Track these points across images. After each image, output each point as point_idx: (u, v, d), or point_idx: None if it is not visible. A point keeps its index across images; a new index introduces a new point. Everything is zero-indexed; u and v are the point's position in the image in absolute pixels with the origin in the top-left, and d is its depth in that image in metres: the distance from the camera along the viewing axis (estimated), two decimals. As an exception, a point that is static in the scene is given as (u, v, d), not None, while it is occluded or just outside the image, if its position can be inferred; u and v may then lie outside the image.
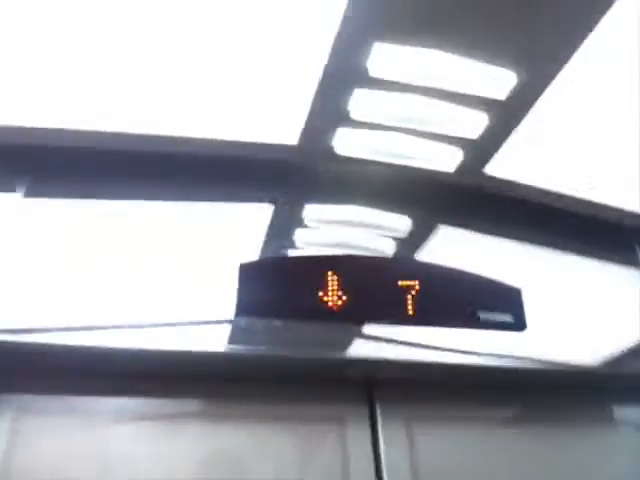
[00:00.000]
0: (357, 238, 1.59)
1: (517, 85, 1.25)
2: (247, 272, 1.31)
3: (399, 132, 1.42)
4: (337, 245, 1.55)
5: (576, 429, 1.56)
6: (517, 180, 1.56)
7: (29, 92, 1.25)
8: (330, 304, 1.34)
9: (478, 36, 1.17)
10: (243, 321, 1.29)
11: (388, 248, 1.59)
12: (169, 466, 1.24)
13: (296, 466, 1.31)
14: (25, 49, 1.15)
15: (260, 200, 1.54)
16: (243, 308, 1.27)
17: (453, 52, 1.19)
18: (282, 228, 1.53)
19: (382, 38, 1.17)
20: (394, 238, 1.61)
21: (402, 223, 1.63)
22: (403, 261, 1.53)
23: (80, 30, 1.12)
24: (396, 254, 1.56)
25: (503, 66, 1.22)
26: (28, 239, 1.30)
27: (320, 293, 1.35)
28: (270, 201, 1.54)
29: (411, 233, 1.63)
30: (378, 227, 1.62)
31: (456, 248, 1.60)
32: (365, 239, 1.59)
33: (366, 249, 1.56)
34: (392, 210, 1.63)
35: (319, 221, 1.58)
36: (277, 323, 1.32)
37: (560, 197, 1.61)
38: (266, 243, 1.46)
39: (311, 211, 1.57)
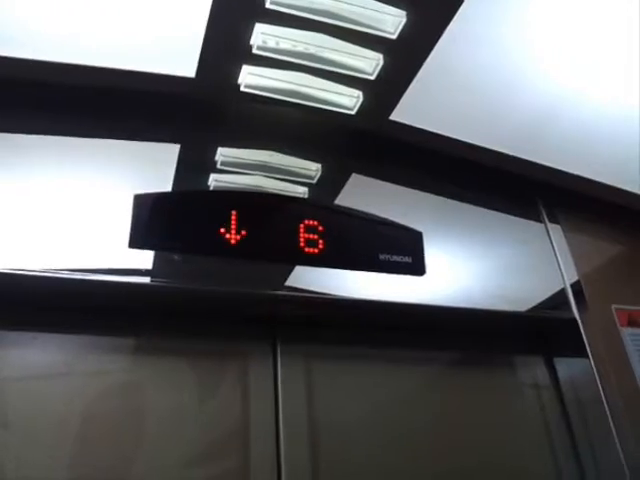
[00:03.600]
0: (268, 184, 1.60)
1: (407, 24, 1.28)
2: (142, 204, 1.29)
3: (302, 71, 1.42)
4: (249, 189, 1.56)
5: (473, 371, 1.63)
6: (421, 127, 1.59)
7: None
8: (231, 240, 1.34)
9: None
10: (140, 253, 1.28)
11: (298, 194, 1.61)
12: (69, 396, 1.23)
13: (196, 399, 1.32)
14: None
15: (163, 139, 1.52)
16: (137, 240, 1.25)
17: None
18: (189, 169, 1.52)
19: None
20: (303, 183, 1.63)
21: (313, 168, 1.65)
22: (307, 202, 1.55)
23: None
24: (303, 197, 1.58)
25: (393, 4, 1.24)
26: None
27: (221, 229, 1.34)
28: (176, 141, 1.53)
29: (321, 179, 1.65)
30: (290, 172, 1.63)
31: (361, 194, 1.63)
32: (277, 184, 1.60)
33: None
34: (302, 154, 1.65)
35: (230, 164, 1.58)
36: (175, 257, 1.31)
37: (464, 146, 1.66)
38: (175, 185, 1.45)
39: (222, 153, 1.56)
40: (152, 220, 1.29)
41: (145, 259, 1.31)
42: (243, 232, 1.35)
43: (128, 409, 1.27)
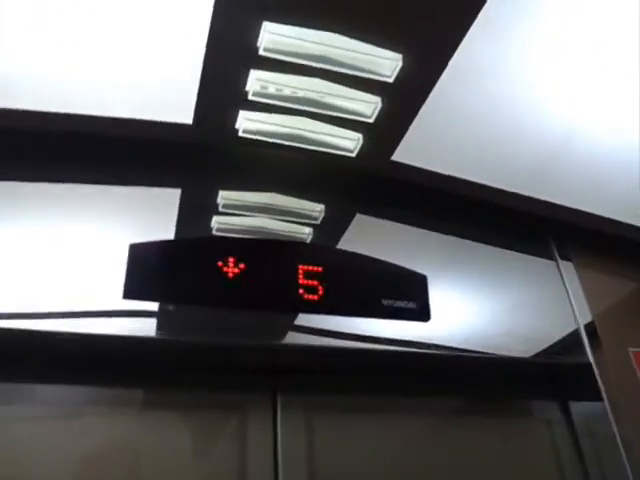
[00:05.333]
0: (271, 225, 1.58)
1: (404, 67, 1.26)
2: (138, 253, 1.27)
3: (301, 115, 1.41)
4: (251, 232, 1.54)
5: (482, 419, 1.57)
6: (424, 167, 1.56)
7: None
8: (229, 289, 1.32)
9: (363, 17, 1.18)
10: (136, 305, 1.26)
11: (301, 235, 1.58)
12: (64, 453, 1.20)
13: (193, 453, 1.28)
14: None
15: (164, 184, 1.52)
16: (132, 290, 1.23)
17: (340, 33, 1.19)
18: (191, 213, 1.51)
19: (270, 17, 1.16)
20: (307, 224, 1.61)
21: (316, 210, 1.63)
22: (306, 246, 1.52)
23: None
24: (305, 240, 1.55)
25: (389, 48, 1.23)
26: None
27: (218, 277, 1.32)
28: (176, 185, 1.52)
29: (325, 220, 1.63)
30: (293, 214, 1.62)
31: (365, 235, 1.60)
32: (279, 225, 1.59)
33: (280, 236, 1.55)
34: (305, 196, 1.63)
35: (233, 207, 1.57)
36: (171, 307, 1.28)
37: (468, 185, 1.63)
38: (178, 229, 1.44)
39: (223, 197, 1.56)
40: (147, 269, 1.27)
41: (142, 309, 1.29)
42: (240, 280, 1.32)
43: (124, 462, 1.24)
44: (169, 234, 1.42)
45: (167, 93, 1.35)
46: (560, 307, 1.73)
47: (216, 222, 1.53)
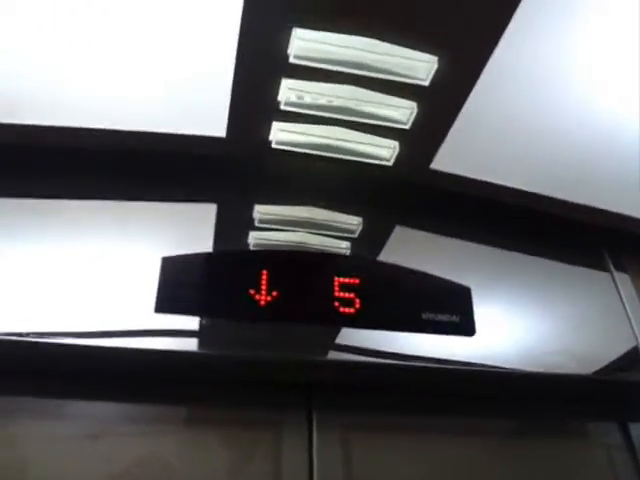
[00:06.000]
0: (309, 239, 1.55)
1: (440, 69, 1.21)
2: (170, 266, 1.26)
3: (334, 125, 1.38)
4: (288, 247, 1.52)
5: (534, 442, 1.46)
6: (464, 174, 1.50)
7: None
8: (261, 302, 1.28)
9: (396, 19, 1.14)
10: (169, 319, 1.24)
11: (339, 249, 1.55)
12: (96, 468, 1.18)
13: (226, 471, 1.24)
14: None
15: (200, 199, 1.51)
16: (164, 303, 1.22)
17: (372, 37, 1.16)
18: (228, 229, 1.50)
19: (300, 23, 1.14)
20: (345, 238, 1.57)
21: (354, 223, 1.59)
22: (341, 258, 1.48)
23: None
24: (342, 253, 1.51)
25: (423, 50, 1.18)
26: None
27: (251, 290, 1.29)
28: (212, 200, 1.51)
29: (363, 233, 1.58)
30: (331, 228, 1.58)
31: (405, 248, 1.55)
32: (317, 239, 1.55)
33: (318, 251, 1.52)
34: (342, 208, 1.59)
35: (269, 221, 1.54)
36: (204, 321, 1.26)
37: (514, 193, 1.55)
38: (216, 244, 1.43)
39: (259, 211, 1.54)
40: (179, 283, 1.25)
41: (176, 325, 1.27)
42: (274, 293, 1.29)
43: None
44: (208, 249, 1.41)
45: (199, 106, 1.35)
46: (617, 323, 1.62)
47: (253, 237, 1.51)
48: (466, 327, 1.39)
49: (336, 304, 1.32)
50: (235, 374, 1.29)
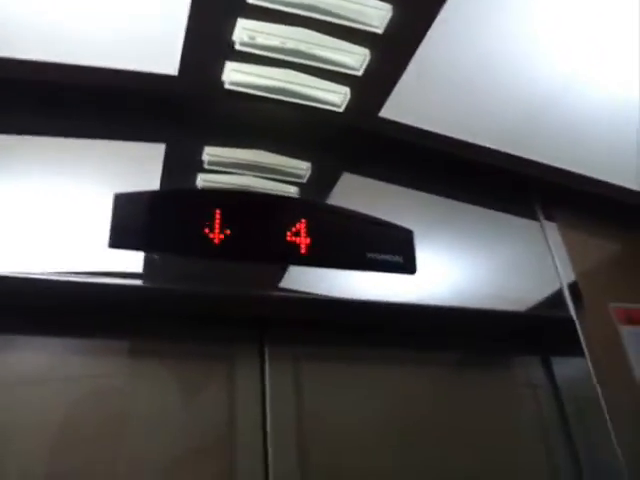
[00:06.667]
0: (257, 184, 1.57)
1: (393, 18, 1.25)
2: (122, 203, 1.26)
3: (288, 68, 1.40)
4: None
5: (466, 373, 1.60)
6: (411, 124, 1.56)
7: None
8: (215, 240, 1.31)
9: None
10: (121, 256, 1.25)
11: (287, 194, 1.58)
12: (51, 400, 1.21)
13: (181, 403, 1.30)
14: None
15: (148, 138, 1.50)
16: (117, 240, 1.23)
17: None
18: (176, 169, 1.50)
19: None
20: (293, 183, 1.60)
21: (302, 167, 1.63)
22: (292, 200, 1.52)
23: None
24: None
25: (377, -2, 1.21)
26: None
27: (204, 229, 1.32)
28: (161, 139, 1.50)
29: (311, 178, 1.62)
30: (279, 172, 1.61)
31: (352, 193, 1.60)
32: (266, 184, 1.58)
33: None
34: (291, 153, 1.62)
35: (218, 164, 1.55)
36: (156, 256, 1.28)
37: (455, 143, 1.63)
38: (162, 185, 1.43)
39: (208, 153, 1.54)
40: (133, 220, 1.26)
41: (128, 260, 1.28)
42: (227, 231, 1.32)
43: (111, 412, 1.25)
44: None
45: (152, 42, 1.32)
46: (544, 267, 1.76)
47: (201, 180, 1.51)
48: (408, 266, 1.48)
49: (287, 243, 1.37)
50: (190, 309, 1.33)
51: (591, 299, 1.69)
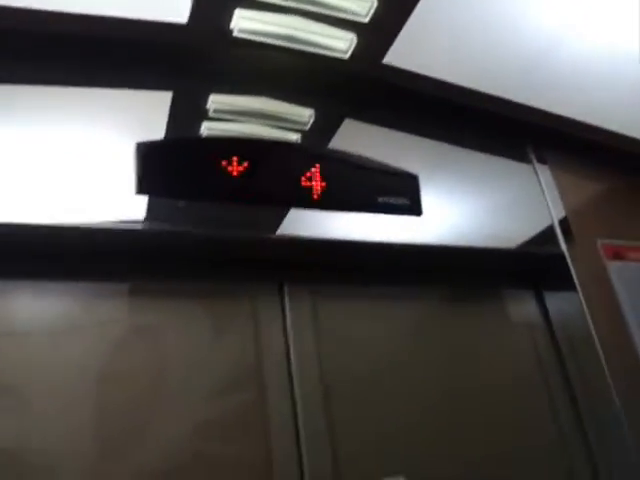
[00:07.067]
0: (261, 131, 1.60)
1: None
2: (146, 151, 1.30)
3: (295, 15, 1.42)
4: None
5: (468, 307, 1.71)
6: (413, 70, 1.60)
7: None
8: (235, 186, 1.36)
9: None
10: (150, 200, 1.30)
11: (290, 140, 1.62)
12: (90, 342, 1.27)
13: (211, 339, 1.38)
14: None
15: (155, 87, 1.51)
16: (143, 187, 1.27)
17: None
18: (183, 117, 1.52)
19: None
20: (296, 130, 1.64)
21: (306, 115, 1.66)
22: (306, 147, 1.56)
23: None
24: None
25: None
26: None
27: (224, 175, 1.36)
28: (168, 88, 1.52)
29: (314, 125, 1.66)
30: (283, 119, 1.64)
31: (354, 139, 1.65)
32: (270, 131, 1.61)
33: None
34: (295, 100, 1.65)
35: (222, 111, 1.58)
36: (181, 203, 1.33)
37: (455, 89, 1.68)
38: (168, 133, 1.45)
39: (214, 101, 1.56)
40: (156, 167, 1.30)
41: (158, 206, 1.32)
42: (245, 177, 1.37)
43: (149, 349, 1.33)
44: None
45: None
46: (537, 207, 1.85)
47: (206, 128, 1.53)
48: (415, 209, 1.55)
49: (302, 189, 1.43)
50: (216, 252, 1.39)
51: (581, 235, 1.80)
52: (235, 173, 1.34)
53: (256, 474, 1.31)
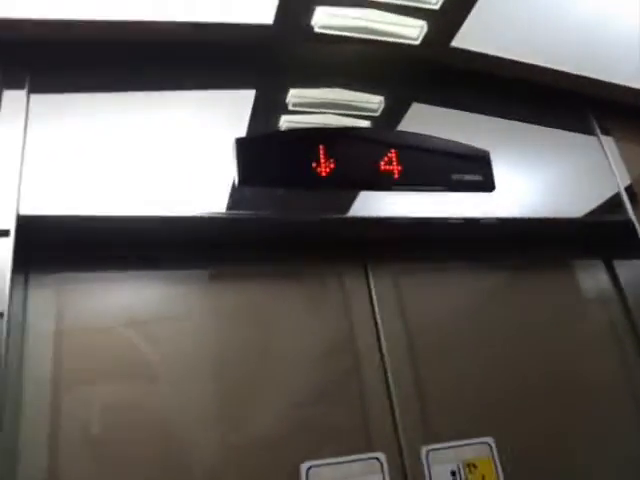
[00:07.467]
0: (333, 121, 1.70)
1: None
2: (244, 146, 1.43)
3: (370, 7, 1.51)
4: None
5: (542, 276, 1.80)
6: (479, 50, 1.67)
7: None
8: (322, 173, 1.48)
9: None
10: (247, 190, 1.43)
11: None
12: (201, 319, 1.44)
13: (306, 315, 1.53)
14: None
15: (240, 86, 1.63)
16: (245, 179, 1.40)
17: None
18: (263, 113, 1.63)
19: None
20: (367, 117, 1.74)
21: (376, 101, 1.76)
22: (383, 132, 1.67)
23: None
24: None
25: None
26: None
27: (313, 163, 1.48)
28: (251, 86, 1.64)
29: (385, 111, 1.76)
30: (354, 107, 1.74)
31: (424, 122, 1.74)
32: (342, 120, 1.71)
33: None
34: (366, 88, 1.75)
35: (300, 105, 1.69)
36: (278, 191, 1.45)
37: (518, 66, 1.74)
38: (250, 128, 1.57)
39: (293, 95, 1.67)
40: (255, 160, 1.43)
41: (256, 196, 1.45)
42: (331, 165, 1.49)
43: (257, 324, 1.49)
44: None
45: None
46: (603, 176, 1.91)
47: (285, 121, 1.64)
48: (488, 184, 1.64)
49: (381, 172, 1.54)
50: (301, 234, 1.53)
51: (647, 200, 1.84)
52: (324, 174, 1.46)
53: (354, 438, 1.44)
